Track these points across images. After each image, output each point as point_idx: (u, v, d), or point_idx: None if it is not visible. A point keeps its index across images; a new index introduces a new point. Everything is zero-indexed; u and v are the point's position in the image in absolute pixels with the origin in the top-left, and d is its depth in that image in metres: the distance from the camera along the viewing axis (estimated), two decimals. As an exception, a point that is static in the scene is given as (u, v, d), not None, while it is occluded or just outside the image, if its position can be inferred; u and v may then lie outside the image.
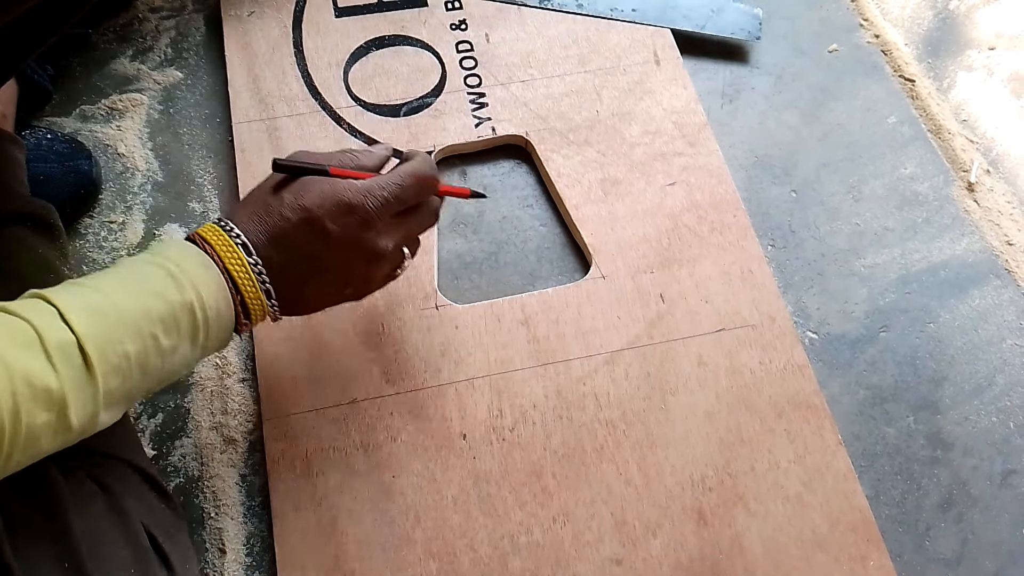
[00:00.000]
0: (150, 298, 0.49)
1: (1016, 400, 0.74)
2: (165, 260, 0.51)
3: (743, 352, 0.73)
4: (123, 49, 0.89)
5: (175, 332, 0.50)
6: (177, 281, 0.50)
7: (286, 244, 0.55)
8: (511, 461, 0.67)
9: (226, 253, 0.54)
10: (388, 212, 0.58)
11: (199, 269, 0.52)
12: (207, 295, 0.51)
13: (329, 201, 0.56)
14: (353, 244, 0.57)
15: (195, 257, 0.52)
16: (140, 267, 0.51)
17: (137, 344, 0.48)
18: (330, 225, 0.56)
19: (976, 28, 0.96)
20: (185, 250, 0.53)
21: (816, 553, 0.65)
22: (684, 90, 0.87)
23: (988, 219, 0.83)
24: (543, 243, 0.80)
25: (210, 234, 0.54)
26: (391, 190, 0.58)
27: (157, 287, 0.50)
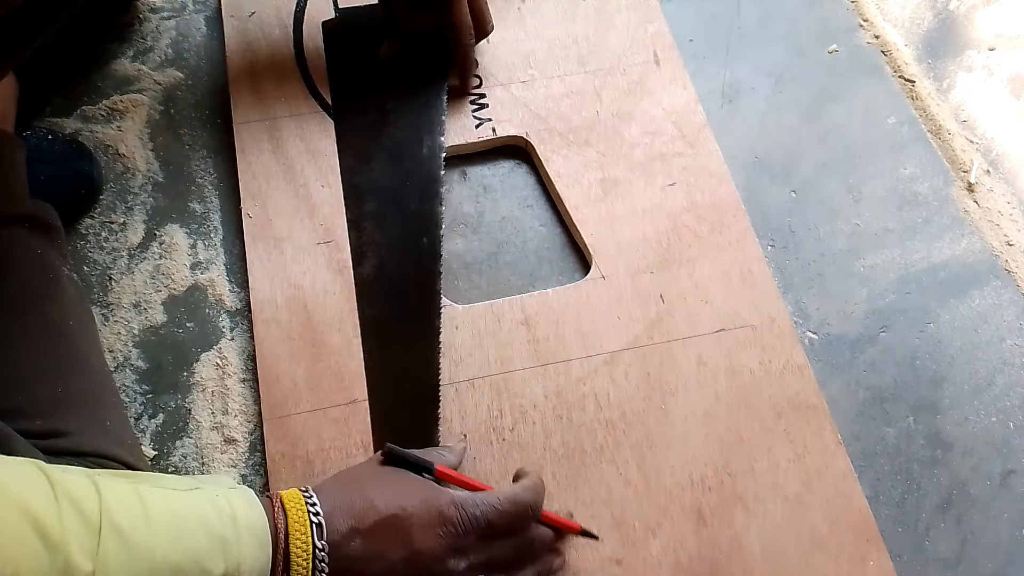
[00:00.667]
0: (188, 557, 0.44)
1: (1016, 400, 0.74)
2: (228, 515, 0.47)
3: (743, 352, 0.73)
4: (123, 49, 0.90)
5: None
6: (226, 547, 0.46)
7: (364, 537, 0.52)
8: (511, 461, 0.67)
9: (296, 529, 0.50)
10: (476, 532, 0.56)
11: (254, 546, 0.48)
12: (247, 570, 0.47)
13: (424, 506, 0.54)
14: (430, 559, 0.54)
15: (257, 528, 0.48)
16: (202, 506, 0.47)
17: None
18: (416, 531, 0.53)
19: (976, 29, 0.96)
20: (253, 513, 0.49)
21: (816, 553, 0.65)
22: (684, 90, 0.87)
23: (988, 220, 0.83)
24: (543, 243, 0.80)
25: (290, 501, 0.51)
26: (484, 510, 0.56)
27: (203, 544, 0.45)
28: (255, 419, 0.70)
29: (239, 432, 0.69)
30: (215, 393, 0.71)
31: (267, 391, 0.70)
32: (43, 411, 0.58)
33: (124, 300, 0.75)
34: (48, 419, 0.58)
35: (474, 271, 0.78)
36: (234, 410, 0.70)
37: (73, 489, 0.42)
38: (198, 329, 0.74)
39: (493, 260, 0.79)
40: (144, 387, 0.72)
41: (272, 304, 0.73)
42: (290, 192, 0.79)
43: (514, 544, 0.58)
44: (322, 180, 0.80)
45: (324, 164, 0.80)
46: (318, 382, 0.70)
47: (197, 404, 0.71)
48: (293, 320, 0.73)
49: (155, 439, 0.69)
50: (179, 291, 0.76)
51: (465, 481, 0.59)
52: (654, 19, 0.92)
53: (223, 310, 0.75)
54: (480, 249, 0.79)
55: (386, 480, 0.56)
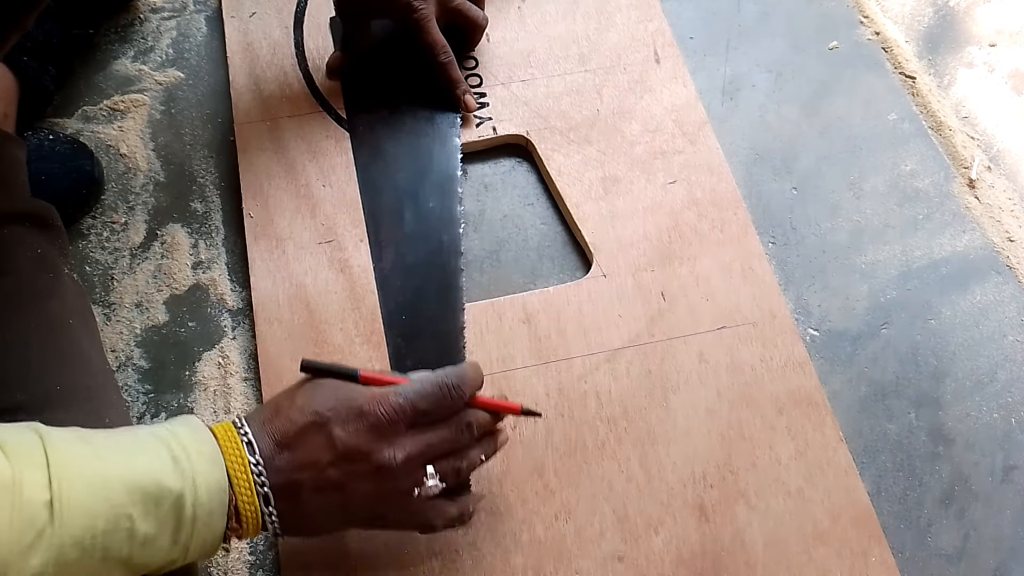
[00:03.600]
0: (143, 477, 0.46)
1: (1017, 395, 0.74)
2: (172, 438, 0.49)
3: (744, 349, 0.73)
4: (124, 49, 0.90)
5: (154, 520, 0.46)
6: (178, 466, 0.47)
7: (290, 449, 0.52)
8: (513, 458, 0.68)
9: (229, 449, 0.51)
10: (403, 421, 0.54)
11: (204, 461, 0.49)
12: (203, 489, 0.48)
13: (341, 405, 0.54)
14: (357, 453, 0.53)
15: (205, 448, 0.49)
16: (147, 437, 0.48)
17: (108, 521, 0.44)
18: (337, 431, 0.53)
19: (976, 24, 0.96)
20: (198, 436, 0.50)
21: (817, 548, 0.65)
22: (684, 88, 0.87)
23: (989, 215, 0.83)
24: (544, 241, 0.80)
25: (221, 430, 0.52)
26: (408, 396, 0.55)
27: (154, 464, 0.47)
28: (257, 417, 0.70)
29: (241, 430, 0.70)
30: (217, 392, 0.71)
31: (269, 390, 0.70)
32: (43, 408, 0.59)
33: (126, 300, 0.75)
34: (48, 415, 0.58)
35: (475, 269, 0.78)
36: (236, 409, 0.70)
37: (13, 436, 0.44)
38: (200, 328, 0.74)
39: (494, 258, 0.79)
40: (146, 386, 0.72)
41: (274, 303, 0.73)
42: (291, 191, 0.79)
43: (449, 430, 0.57)
44: (323, 179, 0.80)
45: (325, 163, 0.81)
46: (320, 380, 0.70)
47: (199, 403, 0.71)
48: (295, 319, 0.73)
49: (158, 438, 0.69)
50: (181, 290, 0.76)
51: (394, 380, 0.57)
52: (654, 17, 0.92)
53: (225, 309, 0.75)
54: (481, 247, 0.79)
55: (302, 393, 0.55)
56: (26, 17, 0.59)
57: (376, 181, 0.80)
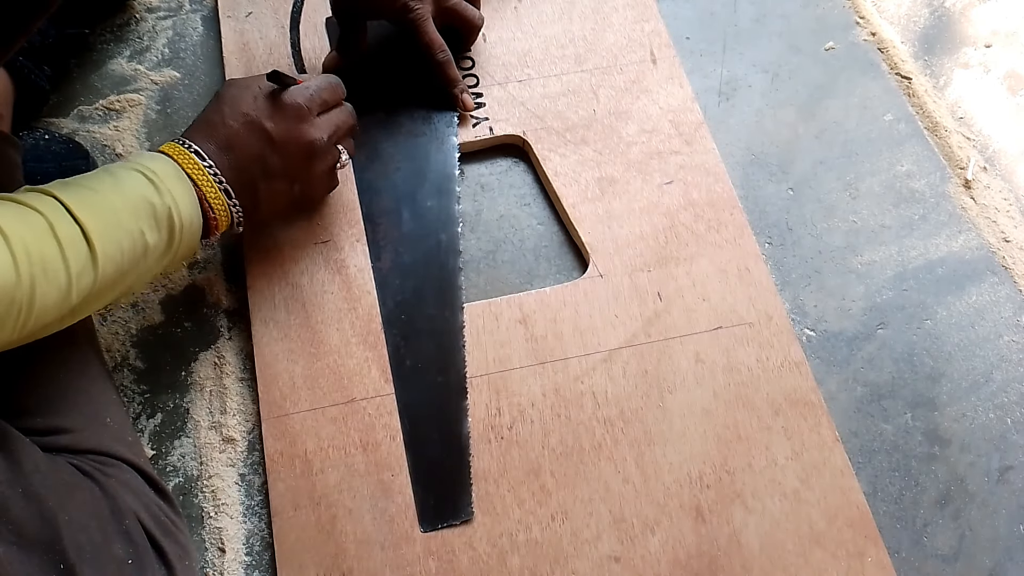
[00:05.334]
0: (139, 200, 0.57)
1: (1013, 396, 0.74)
2: (145, 169, 0.59)
3: (740, 350, 0.73)
4: (120, 49, 0.90)
5: (157, 231, 0.58)
6: (157, 187, 0.58)
7: (233, 148, 0.64)
8: (509, 459, 0.68)
9: (187, 162, 0.62)
10: (315, 106, 0.69)
11: (173, 178, 0.60)
12: (181, 202, 0.60)
13: (263, 103, 0.66)
14: (291, 139, 0.67)
15: (169, 168, 0.61)
16: (125, 172, 0.58)
17: (128, 239, 0.56)
18: (268, 124, 0.66)
19: (972, 25, 0.96)
20: (160, 161, 0.61)
21: (814, 549, 0.65)
22: (680, 88, 0.87)
23: (985, 216, 0.83)
24: (541, 242, 0.80)
25: (171, 149, 0.63)
26: (314, 87, 0.70)
27: (143, 191, 0.58)
28: (253, 418, 0.70)
29: (237, 431, 0.69)
30: (213, 393, 0.71)
31: (265, 390, 0.70)
32: (43, 409, 0.59)
33: (122, 300, 0.75)
34: (48, 417, 0.59)
35: (472, 269, 0.78)
36: (232, 409, 0.70)
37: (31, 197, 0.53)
38: (196, 329, 0.74)
39: (491, 259, 0.79)
40: (142, 387, 0.72)
41: (270, 303, 0.73)
42: (287, 191, 0.79)
43: (341, 114, 0.72)
44: (319, 179, 0.79)
45: (321, 163, 0.80)
46: (316, 381, 0.70)
47: (195, 404, 0.71)
48: (291, 319, 0.73)
49: (153, 439, 0.69)
50: (177, 291, 0.76)
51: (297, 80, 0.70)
52: (650, 17, 0.92)
53: (221, 310, 0.75)
54: (478, 248, 0.79)
55: (226, 101, 0.66)
56: (34, 23, 0.59)
57: (374, 181, 0.80)
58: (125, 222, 0.56)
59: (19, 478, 0.52)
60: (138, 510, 0.57)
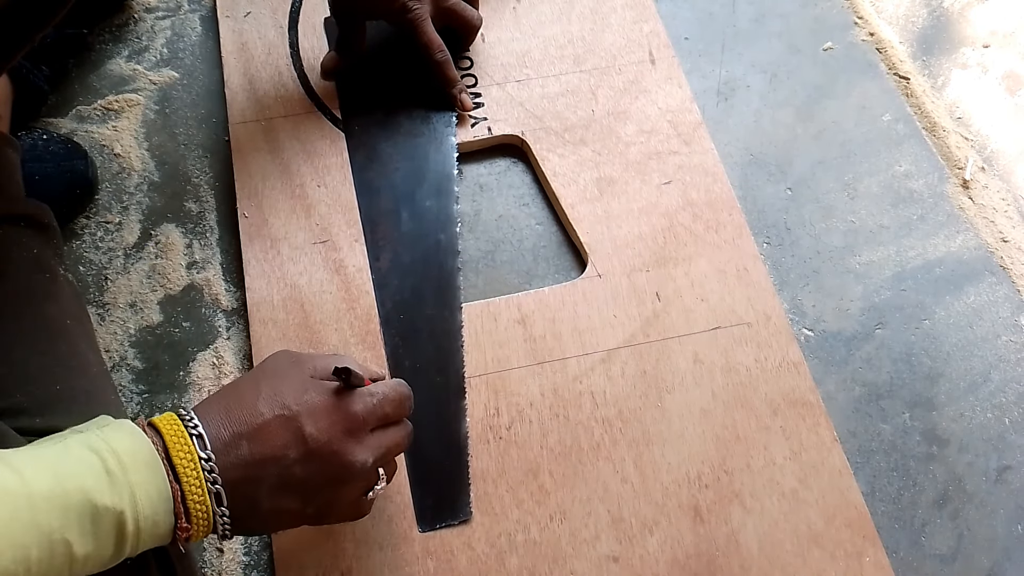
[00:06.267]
0: (74, 494, 0.42)
1: (1011, 396, 0.74)
2: (106, 450, 0.44)
3: (739, 350, 0.73)
4: (119, 49, 0.90)
5: (92, 540, 0.42)
6: (113, 479, 0.43)
7: (252, 442, 0.49)
8: (508, 459, 0.68)
9: (176, 444, 0.47)
10: (373, 421, 0.54)
11: (142, 470, 0.44)
12: (144, 502, 0.44)
13: (312, 400, 0.51)
14: (329, 454, 0.51)
15: (141, 453, 0.45)
16: (77, 451, 0.44)
17: (42, 546, 0.40)
18: (308, 427, 0.50)
19: (970, 26, 0.97)
20: (131, 441, 0.46)
21: (812, 549, 0.65)
22: (679, 89, 0.87)
23: (983, 216, 0.83)
24: (539, 242, 0.80)
25: (165, 423, 0.48)
26: (380, 395, 0.55)
27: (85, 481, 0.42)
28: (252, 418, 0.70)
29: (236, 431, 0.69)
30: (212, 393, 0.71)
31: (264, 390, 0.70)
32: (42, 409, 0.58)
33: (120, 300, 0.75)
34: (46, 417, 0.58)
35: (470, 270, 0.78)
36: (231, 410, 0.70)
37: None
38: (194, 329, 0.74)
39: (489, 259, 0.79)
40: (140, 387, 0.72)
41: (268, 303, 0.73)
42: (286, 192, 0.79)
43: (399, 434, 0.57)
44: (318, 180, 0.80)
45: (320, 164, 0.80)
46: (315, 381, 0.70)
47: (194, 404, 0.70)
48: (290, 319, 0.73)
49: (152, 439, 0.69)
50: (175, 291, 0.76)
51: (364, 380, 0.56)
52: (649, 18, 0.92)
53: (219, 309, 0.75)
54: (476, 248, 0.79)
55: (268, 382, 0.52)
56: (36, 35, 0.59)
57: (372, 182, 0.80)
58: (42, 522, 0.40)
59: None
60: None
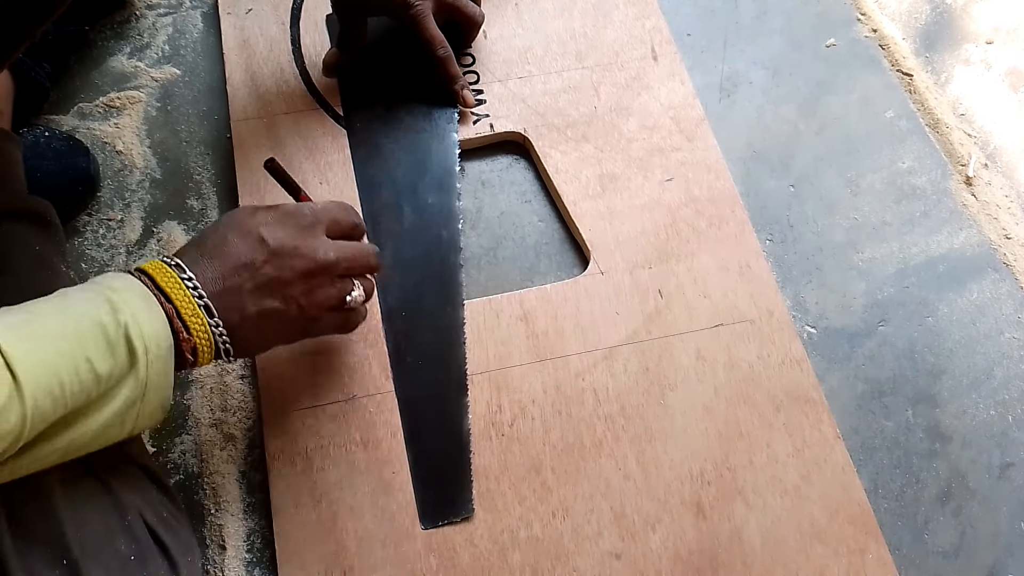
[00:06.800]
0: (84, 321, 0.48)
1: (1014, 393, 0.74)
2: (102, 286, 0.50)
3: (741, 346, 0.73)
4: (120, 46, 0.89)
5: (110, 356, 0.48)
6: (112, 305, 0.49)
7: (223, 257, 0.55)
8: (510, 456, 0.68)
9: (161, 276, 0.53)
10: (321, 226, 0.59)
11: (137, 298, 0.50)
12: (145, 321, 0.50)
13: (264, 213, 0.58)
14: (290, 250, 0.57)
15: (133, 284, 0.52)
16: (79, 293, 0.50)
17: (69, 367, 0.46)
18: (266, 232, 0.56)
19: (973, 22, 0.96)
20: (123, 278, 0.52)
21: (815, 545, 0.65)
22: (681, 85, 0.87)
23: (986, 213, 0.83)
24: (541, 239, 0.80)
25: (148, 265, 0.54)
26: (324, 205, 0.61)
27: (92, 311, 0.48)
28: (254, 416, 0.70)
29: (238, 429, 0.69)
30: (214, 390, 0.71)
31: (266, 388, 0.70)
32: None
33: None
34: None
35: (472, 266, 0.78)
36: (233, 407, 0.70)
37: None
38: (197, 326, 0.74)
39: (492, 255, 0.79)
40: (143, 384, 0.71)
41: (271, 300, 0.73)
42: (288, 188, 0.79)
43: (362, 246, 0.62)
44: (320, 176, 0.79)
45: (322, 160, 0.80)
46: (317, 378, 0.70)
47: (196, 401, 0.71)
48: (292, 316, 0.72)
49: (154, 436, 0.69)
50: (177, 288, 0.76)
51: None
52: (651, 14, 0.92)
53: (222, 307, 0.75)
54: (478, 244, 0.79)
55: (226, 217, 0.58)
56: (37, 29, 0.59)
57: (374, 178, 0.80)
58: (64, 348, 0.46)
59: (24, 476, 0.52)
60: (141, 506, 0.57)
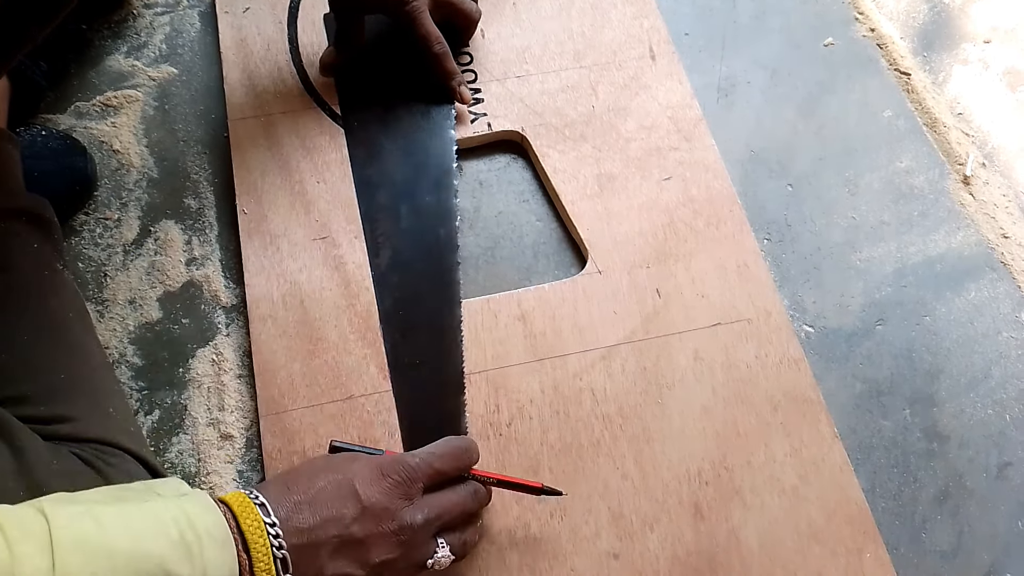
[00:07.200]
0: (151, 559, 0.44)
1: (1012, 393, 0.74)
2: (184, 522, 0.46)
3: (739, 346, 0.73)
4: (118, 45, 0.89)
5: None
6: (190, 553, 0.45)
7: (312, 506, 0.52)
8: (508, 456, 0.67)
9: (244, 513, 0.50)
10: (421, 479, 0.56)
11: (215, 546, 0.47)
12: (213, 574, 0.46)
13: (362, 465, 0.55)
14: (380, 511, 0.54)
15: (216, 529, 0.47)
16: (157, 517, 0.46)
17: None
18: (360, 488, 0.54)
19: (971, 22, 0.96)
20: (208, 516, 0.48)
21: (812, 546, 0.65)
22: (680, 85, 0.87)
23: (983, 212, 0.83)
24: (539, 238, 0.80)
25: (232, 497, 0.51)
26: (424, 456, 0.58)
27: (164, 549, 0.44)
28: (251, 415, 0.70)
29: (235, 428, 0.69)
30: (211, 389, 0.71)
31: (263, 387, 0.70)
32: (46, 398, 0.59)
33: (119, 297, 0.75)
34: (50, 405, 0.59)
35: (470, 266, 0.78)
36: (230, 406, 0.70)
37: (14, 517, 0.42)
38: (194, 325, 0.74)
39: (489, 255, 0.79)
40: (140, 383, 0.71)
41: (268, 300, 0.73)
42: (285, 188, 0.79)
43: (458, 495, 0.59)
44: (317, 176, 0.79)
45: (319, 159, 0.80)
46: (314, 378, 0.70)
47: (193, 400, 0.71)
48: (289, 316, 0.72)
49: (151, 436, 0.69)
50: (174, 287, 0.76)
51: None
52: (649, 14, 0.92)
53: (219, 306, 0.75)
54: (476, 244, 0.79)
55: (321, 458, 0.57)
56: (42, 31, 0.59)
57: (372, 177, 0.80)
58: None
59: (22, 468, 0.52)
60: None
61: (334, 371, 0.70)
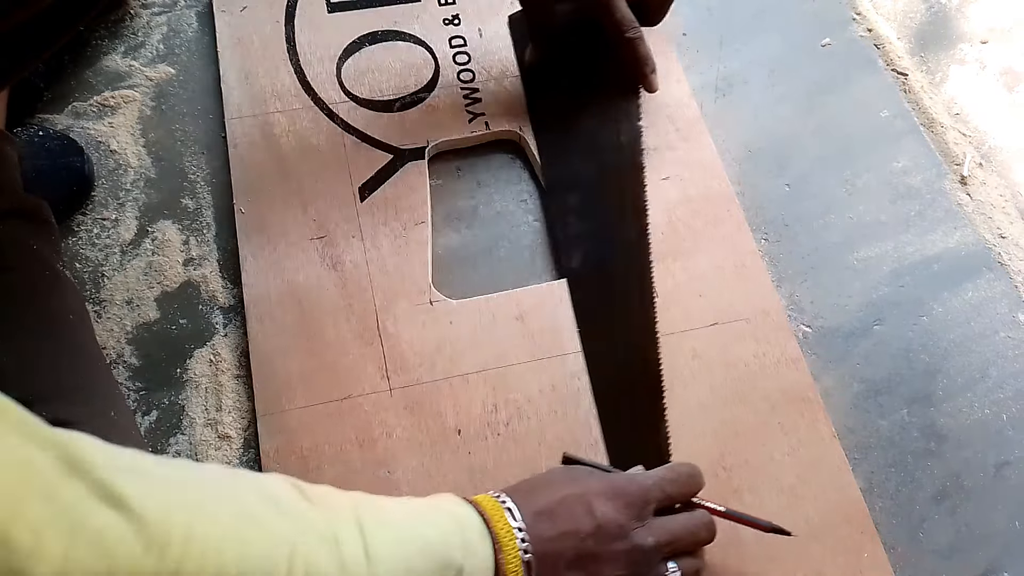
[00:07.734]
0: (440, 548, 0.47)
1: (1009, 392, 0.74)
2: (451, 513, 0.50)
3: (737, 346, 0.73)
4: (115, 45, 0.89)
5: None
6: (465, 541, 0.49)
7: (553, 518, 0.54)
8: (506, 456, 0.67)
9: (495, 515, 0.52)
10: (653, 501, 0.57)
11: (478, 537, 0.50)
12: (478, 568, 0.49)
13: (598, 483, 0.57)
14: (614, 530, 0.55)
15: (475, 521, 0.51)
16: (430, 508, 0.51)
17: None
18: (598, 505, 0.55)
19: (968, 22, 0.96)
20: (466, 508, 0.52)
21: (810, 545, 0.65)
22: (677, 84, 0.87)
23: (981, 212, 0.83)
24: (538, 238, 0.80)
25: (481, 499, 0.53)
26: (656, 480, 0.58)
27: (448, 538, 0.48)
28: (249, 415, 0.70)
29: (233, 429, 0.69)
30: (209, 390, 0.71)
31: (261, 387, 0.69)
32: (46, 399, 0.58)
33: (117, 297, 0.75)
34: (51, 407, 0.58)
35: (469, 266, 0.78)
36: (228, 407, 0.70)
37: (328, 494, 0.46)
38: (191, 325, 0.74)
39: (488, 255, 0.79)
40: (137, 384, 0.71)
41: (266, 300, 0.73)
42: (283, 187, 0.79)
43: (690, 521, 0.59)
44: (315, 175, 0.79)
45: (317, 159, 0.80)
46: (312, 378, 0.70)
47: (191, 401, 0.71)
48: (287, 316, 0.72)
49: (149, 436, 0.69)
50: (172, 287, 0.76)
51: None
52: (647, 13, 0.92)
53: (216, 306, 0.75)
54: (475, 244, 0.79)
55: (556, 472, 0.60)
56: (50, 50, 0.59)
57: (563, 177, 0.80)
58: (410, 561, 0.46)
59: None
60: None
61: (332, 371, 0.70)
